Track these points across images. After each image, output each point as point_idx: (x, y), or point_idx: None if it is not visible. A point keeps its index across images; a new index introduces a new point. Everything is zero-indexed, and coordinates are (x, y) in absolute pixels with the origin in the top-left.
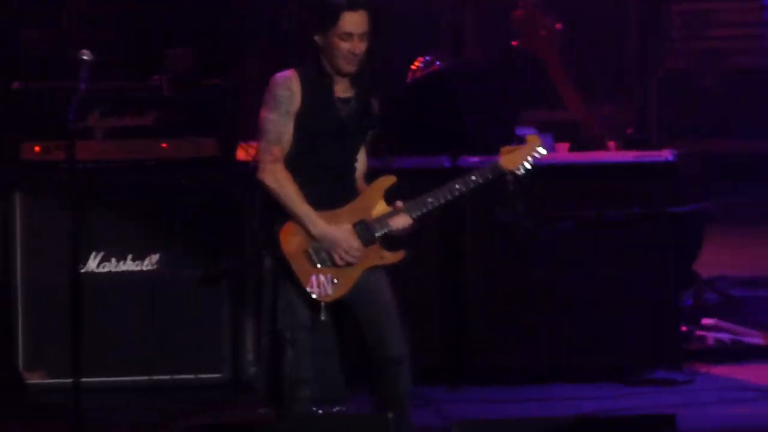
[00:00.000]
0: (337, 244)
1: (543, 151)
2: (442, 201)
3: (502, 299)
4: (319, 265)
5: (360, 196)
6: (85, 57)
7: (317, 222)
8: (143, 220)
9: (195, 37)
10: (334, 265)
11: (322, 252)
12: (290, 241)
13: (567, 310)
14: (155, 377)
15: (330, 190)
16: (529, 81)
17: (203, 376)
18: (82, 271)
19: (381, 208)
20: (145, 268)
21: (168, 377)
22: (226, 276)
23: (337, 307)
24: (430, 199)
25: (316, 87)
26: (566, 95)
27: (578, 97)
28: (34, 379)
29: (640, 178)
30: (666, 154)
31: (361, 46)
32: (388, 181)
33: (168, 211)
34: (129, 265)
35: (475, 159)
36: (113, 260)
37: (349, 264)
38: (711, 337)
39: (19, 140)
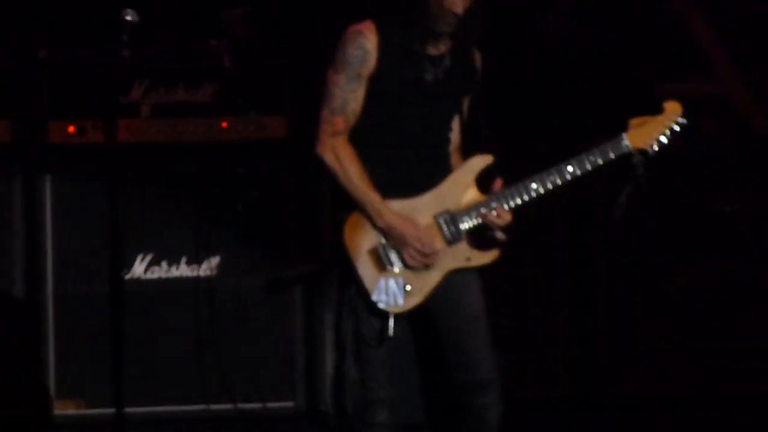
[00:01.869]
0: (407, 242)
1: (684, 122)
2: (550, 187)
3: (638, 317)
4: (389, 268)
5: (446, 180)
6: (128, 18)
7: (383, 212)
8: (200, 215)
9: None
10: (408, 267)
11: (392, 251)
12: (356, 236)
13: (718, 322)
14: (214, 406)
15: (409, 171)
16: (666, 45)
17: (273, 405)
18: (126, 277)
19: (472, 195)
20: (202, 274)
21: (230, 406)
22: (299, 283)
23: (419, 316)
24: (533, 185)
25: (399, 43)
26: (714, 61)
27: (729, 64)
28: (67, 410)
29: None
30: None
31: (465, 4)
32: (483, 160)
33: (229, 204)
34: (183, 271)
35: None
36: (164, 264)
37: (425, 266)
38: None
39: (48, 119)
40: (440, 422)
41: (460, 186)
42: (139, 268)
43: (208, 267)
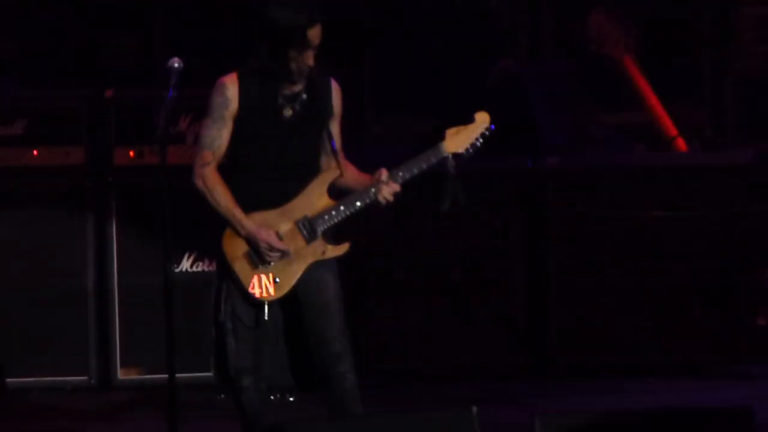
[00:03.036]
0: (260, 244)
1: (493, 128)
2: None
3: (582, 297)
4: (260, 266)
5: (303, 191)
6: (175, 65)
7: (244, 223)
8: None
9: None
10: (275, 263)
11: (261, 253)
12: (232, 243)
13: (644, 306)
14: None
15: (274, 189)
16: (606, 83)
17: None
18: (176, 270)
19: (324, 201)
20: None
21: None
22: None
23: (291, 301)
24: (372, 189)
25: (259, 88)
26: (643, 97)
27: (655, 99)
28: (130, 375)
29: (717, 178)
30: (742, 155)
31: (313, 58)
32: (330, 175)
33: None
34: None
35: (555, 159)
36: (206, 260)
37: (280, 258)
38: None
39: (113, 145)
40: (309, 386)
41: (314, 195)
42: (186, 263)
43: None
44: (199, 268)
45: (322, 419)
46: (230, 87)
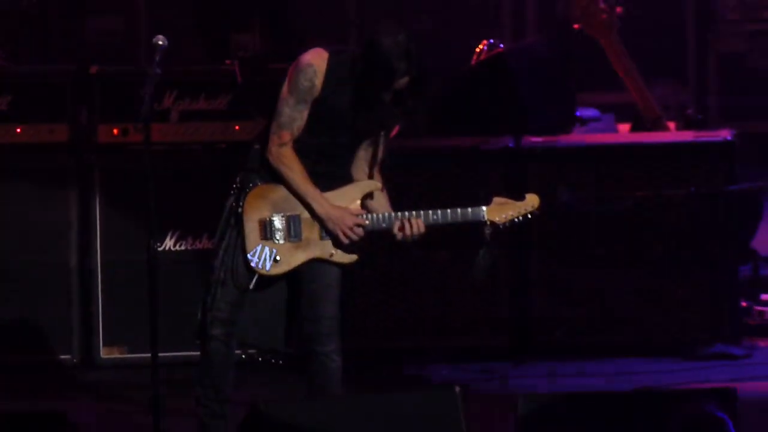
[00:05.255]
0: (342, 223)
1: (536, 213)
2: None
3: (564, 278)
4: (269, 238)
5: (340, 188)
6: (160, 42)
7: (323, 203)
8: (219, 200)
9: (259, 21)
10: (283, 242)
11: (275, 227)
12: (254, 204)
13: (627, 287)
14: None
15: (315, 175)
16: (590, 63)
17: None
18: (160, 249)
19: (353, 208)
20: None
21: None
22: None
23: (293, 275)
24: (399, 220)
25: (343, 84)
26: (626, 77)
27: (638, 79)
28: (112, 355)
29: (699, 158)
30: (724, 134)
31: (390, 97)
32: (372, 186)
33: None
34: (204, 244)
35: (538, 139)
36: (189, 239)
37: (296, 246)
38: None
39: (97, 123)
40: (297, 357)
41: (347, 197)
42: (169, 242)
43: None
44: (183, 247)
45: (302, 399)
46: (319, 73)
